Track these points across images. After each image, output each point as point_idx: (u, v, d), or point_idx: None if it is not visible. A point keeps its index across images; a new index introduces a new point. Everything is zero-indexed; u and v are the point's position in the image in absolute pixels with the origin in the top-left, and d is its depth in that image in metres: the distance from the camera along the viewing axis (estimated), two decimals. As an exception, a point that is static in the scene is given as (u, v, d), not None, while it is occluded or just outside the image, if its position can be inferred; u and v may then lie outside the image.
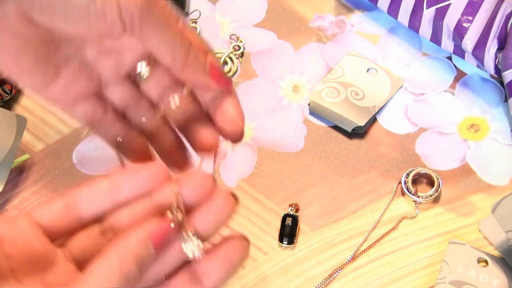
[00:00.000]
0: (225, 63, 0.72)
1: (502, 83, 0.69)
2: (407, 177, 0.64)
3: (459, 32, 0.67)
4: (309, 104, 0.69)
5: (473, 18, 0.66)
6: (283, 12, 0.76)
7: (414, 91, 0.70)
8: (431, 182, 0.64)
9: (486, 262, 0.59)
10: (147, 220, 0.36)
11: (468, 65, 0.71)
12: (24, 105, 0.69)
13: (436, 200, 0.63)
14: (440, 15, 0.68)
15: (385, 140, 0.67)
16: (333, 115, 0.67)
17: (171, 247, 0.36)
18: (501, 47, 0.66)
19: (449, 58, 0.72)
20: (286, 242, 0.61)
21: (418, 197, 0.63)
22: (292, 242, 0.61)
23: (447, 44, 0.69)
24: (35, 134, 0.68)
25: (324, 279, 0.60)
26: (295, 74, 0.71)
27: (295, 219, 0.62)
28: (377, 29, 0.74)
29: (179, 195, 0.37)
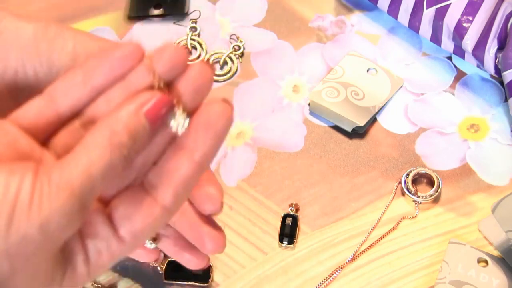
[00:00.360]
0: (225, 63, 0.72)
1: (502, 83, 0.69)
2: (407, 177, 0.64)
3: (459, 32, 0.67)
4: (309, 104, 0.69)
5: (473, 18, 0.66)
6: (283, 12, 0.76)
7: (414, 91, 0.70)
8: (431, 182, 0.64)
9: (486, 262, 0.59)
10: (134, 96, 0.34)
11: (468, 65, 0.71)
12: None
13: (436, 200, 0.63)
14: (440, 15, 0.68)
15: (385, 140, 0.67)
16: (333, 115, 0.67)
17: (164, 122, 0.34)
18: (501, 47, 0.66)
19: (449, 58, 0.72)
20: (286, 242, 0.61)
21: (418, 197, 0.63)
22: (292, 242, 0.61)
23: (447, 44, 0.69)
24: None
25: (324, 279, 0.60)
26: (295, 74, 0.71)
27: (295, 219, 0.62)
28: (377, 29, 0.74)
29: (155, 71, 0.35)
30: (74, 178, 0.32)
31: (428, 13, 0.69)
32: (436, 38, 0.69)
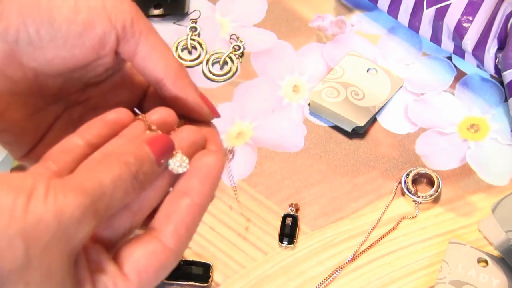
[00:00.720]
0: (225, 63, 0.72)
1: (502, 83, 0.69)
2: (407, 177, 0.64)
3: (459, 32, 0.67)
4: (309, 104, 0.69)
5: (473, 18, 0.66)
6: (283, 12, 0.76)
7: (414, 91, 0.70)
8: (431, 182, 0.64)
9: (486, 262, 0.59)
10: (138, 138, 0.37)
11: (468, 65, 0.71)
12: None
13: (436, 200, 0.63)
14: (440, 15, 0.68)
15: (385, 140, 0.67)
16: (333, 115, 0.67)
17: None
18: (501, 47, 0.66)
19: (449, 58, 0.72)
20: (286, 242, 0.61)
21: (418, 197, 0.63)
22: (292, 242, 0.61)
23: (447, 44, 0.69)
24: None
25: (324, 279, 0.60)
26: (295, 74, 0.71)
27: (295, 219, 0.62)
28: (377, 29, 0.74)
29: (149, 122, 0.39)
30: (84, 181, 0.34)
31: (428, 13, 0.69)
32: (436, 38, 0.69)
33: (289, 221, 0.62)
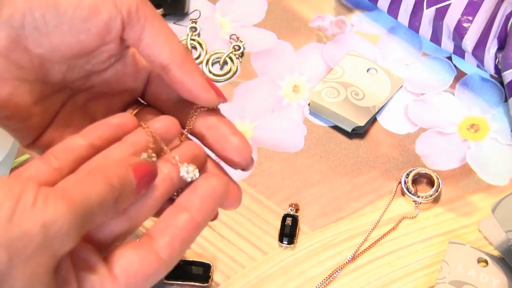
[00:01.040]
0: (225, 63, 0.72)
1: (502, 83, 0.69)
2: (407, 177, 0.64)
3: (459, 32, 0.67)
4: (309, 104, 0.69)
5: (473, 18, 0.66)
6: (283, 12, 0.76)
7: (414, 91, 0.70)
8: (431, 182, 0.64)
9: (486, 262, 0.59)
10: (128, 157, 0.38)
11: (468, 65, 0.71)
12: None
13: (436, 200, 0.63)
14: (440, 15, 0.68)
15: (385, 140, 0.67)
16: (333, 115, 0.67)
17: (154, 186, 0.38)
18: (501, 47, 0.66)
19: (449, 58, 0.72)
20: (286, 242, 0.61)
21: (418, 197, 0.63)
22: (292, 242, 0.61)
23: (447, 44, 0.69)
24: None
25: (324, 279, 0.60)
26: (295, 74, 0.71)
27: (295, 219, 0.62)
28: (377, 29, 0.74)
29: (154, 133, 0.40)
30: (74, 194, 0.33)
31: (428, 13, 0.69)
32: (436, 38, 0.69)
33: (289, 221, 0.62)
